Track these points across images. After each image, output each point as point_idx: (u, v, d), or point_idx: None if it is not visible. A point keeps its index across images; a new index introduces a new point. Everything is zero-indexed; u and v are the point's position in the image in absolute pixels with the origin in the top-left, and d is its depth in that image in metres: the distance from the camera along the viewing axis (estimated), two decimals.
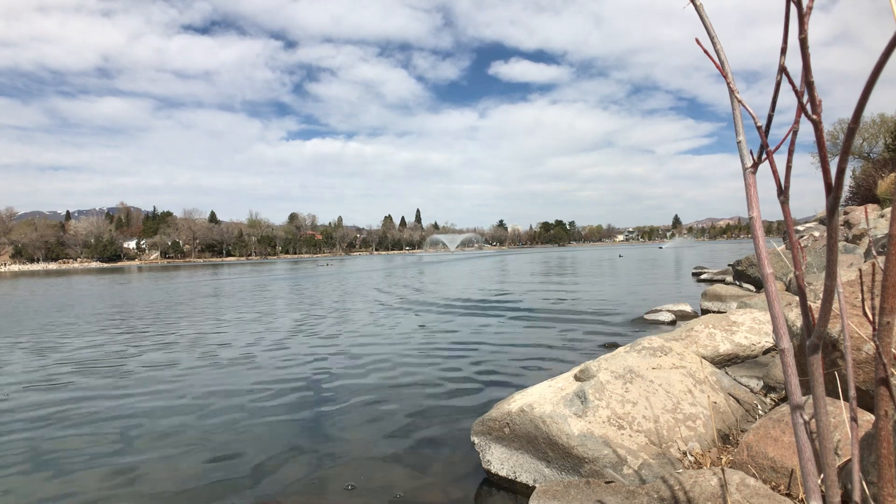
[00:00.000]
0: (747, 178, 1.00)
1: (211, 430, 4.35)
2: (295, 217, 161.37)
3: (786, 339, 0.96)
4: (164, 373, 6.56)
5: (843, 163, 0.80)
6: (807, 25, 0.78)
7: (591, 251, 79.93)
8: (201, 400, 5.26)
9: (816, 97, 0.81)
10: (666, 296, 13.05)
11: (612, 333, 8.06)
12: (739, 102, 1.01)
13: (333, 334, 9.09)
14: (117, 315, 13.59)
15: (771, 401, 3.47)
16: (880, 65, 0.71)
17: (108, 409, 5.09)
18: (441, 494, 3.07)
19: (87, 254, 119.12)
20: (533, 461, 2.96)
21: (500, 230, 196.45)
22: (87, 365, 7.22)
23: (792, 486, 2.14)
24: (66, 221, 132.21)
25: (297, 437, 4.11)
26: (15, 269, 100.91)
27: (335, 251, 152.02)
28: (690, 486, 2.02)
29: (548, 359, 6.51)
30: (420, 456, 3.64)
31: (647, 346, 3.60)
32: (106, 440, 4.21)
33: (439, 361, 6.58)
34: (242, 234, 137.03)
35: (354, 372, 6.19)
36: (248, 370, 6.51)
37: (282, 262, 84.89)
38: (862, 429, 1.95)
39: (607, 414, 2.89)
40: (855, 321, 2.27)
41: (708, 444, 2.82)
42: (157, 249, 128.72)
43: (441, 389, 5.31)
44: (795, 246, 0.99)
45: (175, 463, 3.68)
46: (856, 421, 0.99)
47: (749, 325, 4.81)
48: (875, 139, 35.37)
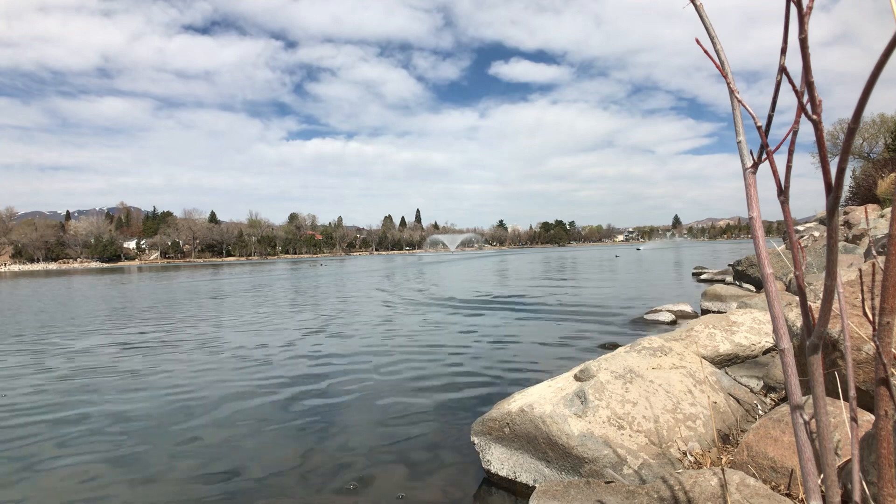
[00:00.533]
0: (747, 178, 1.00)
1: (211, 430, 4.35)
2: (295, 217, 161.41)
3: (786, 339, 0.96)
4: (165, 373, 6.56)
5: (843, 163, 0.80)
6: (807, 25, 0.78)
7: (591, 252, 79.84)
8: (201, 400, 5.26)
9: (816, 97, 0.81)
10: (666, 296, 13.05)
11: (612, 333, 8.05)
12: (739, 102, 1.01)
13: (332, 335, 9.09)
14: (117, 315, 13.60)
15: (771, 401, 3.47)
16: (880, 65, 0.71)
17: (107, 408, 5.09)
18: (441, 494, 3.07)
19: (87, 254, 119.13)
20: (533, 461, 2.96)
21: (500, 230, 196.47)
22: (87, 365, 7.22)
23: (792, 486, 2.14)
24: (66, 221, 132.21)
25: (297, 436, 4.11)
26: (15, 269, 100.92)
27: (335, 251, 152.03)
28: (690, 486, 2.02)
29: (548, 359, 6.51)
30: (420, 456, 3.63)
31: (647, 346, 3.60)
32: (106, 439, 4.21)
33: (439, 361, 6.58)
34: (242, 235, 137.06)
35: (353, 372, 6.19)
36: (247, 370, 6.51)
37: (282, 262, 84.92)
38: (862, 429, 1.95)
39: (607, 414, 2.89)
40: (855, 321, 2.27)
41: (708, 444, 2.82)
42: (157, 249, 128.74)
43: (441, 389, 5.31)
44: (795, 246, 0.99)
45: (175, 462, 3.68)
46: (856, 421, 0.99)
47: (749, 325, 4.81)
48: (875, 139, 35.39)
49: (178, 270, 56.34)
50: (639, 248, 53.14)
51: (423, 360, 6.67)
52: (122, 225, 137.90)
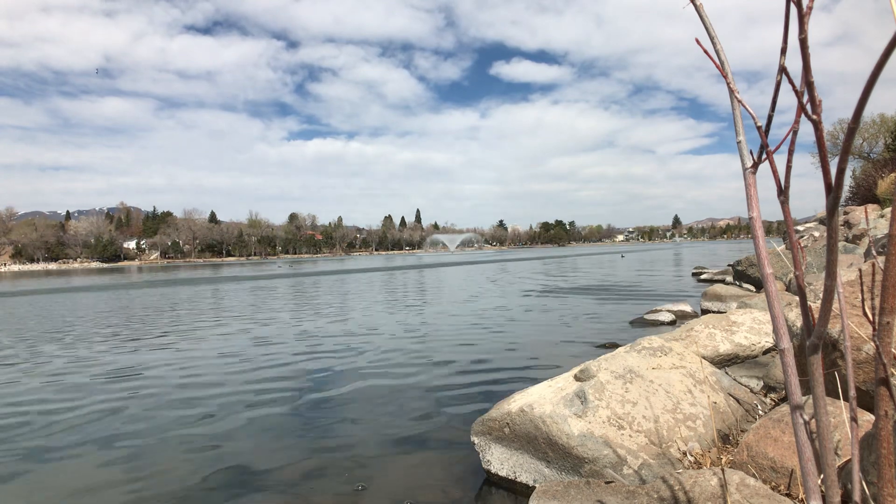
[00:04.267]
0: (747, 178, 1.00)
1: (212, 432, 4.35)
2: (295, 217, 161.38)
3: (786, 339, 0.96)
4: (165, 374, 6.56)
5: (843, 163, 0.80)
6: (807, 25, 0.78)
7: (591, 252, 79.75)
8: (202, 401, 5.26)
9: (816, 97, 0.81)
10: (665, 296, 13.04)
11: (612, 333, 8.05)
12: (739, 102, 1.01)
13: (331, 335, 9.09)
14: (119, 314, 13.60)
15: (771, 401, 3.47)
16: (880, 65, 0.71)
17: (107, 409, 5.09)
18: (441, 494, 3.07)
19: (87, 254, 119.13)
20: (533, 461, 2.96)
21: (500, 230, 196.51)
22: (87, 365, 7.22)
23: (792, 486, 2.14)
24: (66, 221, 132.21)
25: (297, 437, 4.11)
26: (15, 269, 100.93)
27: (335, 251, 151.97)
28: (690, 486, 2.02)
29: (548, 359, 6.51)
30: (420, 456, 3.63)
31: (647, 346, 3.60)
32: (106, 440, 4.21)
33: (439, 361, 6.58)
34: (242, 235, 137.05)
35: (352, 373, 6.19)
36: (246, 370, 6.51)
37: (281, 262, 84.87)
38: (862, 429, 1.95)
39: (607, 414, 2.89)
40: (855, 321, 2.27)
41: (708, 444, 2.82)
42: (156, 249, 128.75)
43: (441, 389, 5.31)
44: (795, 246, 0.99)
45: (177, 464, 3.68)
46: (856, 421, 0.99)
47: (749, 325, 4.81)
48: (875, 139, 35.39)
49: (178, 270, 56.33)
50: (623, 255, 53.08)
51: (423, 360, 6.67)
52: (122, 225, 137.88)
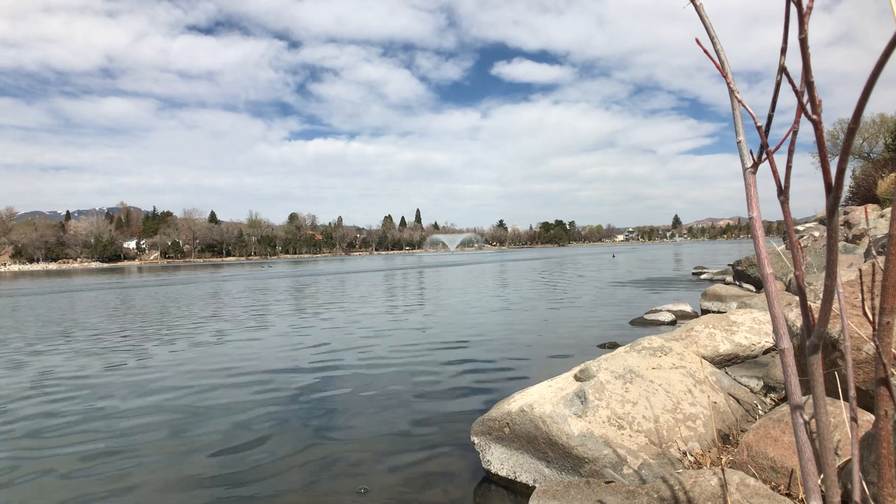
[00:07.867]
0: (747, 178, 1.00)
1: (213, 434, 4.35)
2: (295, 217, 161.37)
3: (786, 339, 0.96)
4: (165, 374, 6.56)
5: (843, 163, 0.80)
6: (807, 25, 0.78)
7: (590, 252, 79.78)
8: (201, 401, 5.26)
9: (816, 97, 0.81)
10: (665, 296, 13.04)
11: (612, 333, 8.05)
12: (739, 102, 1.01)
13: (331, 335, 9.09)
14: (120, 314, 13.59)
15: (771, 401, 3.47)
16: (880, 65, 0.71)
17: (106, 409, 5.09)
18: (441, 494, 3.07)
19: (87, 254, 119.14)
20: (533, 461, 2.96)
21: (500, 230, 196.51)
22: (85, 364, 7.22)
23: (792, 486, 2.14)
24: (66, 221, 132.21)
25: (297, 436, 4.11)
26: (15, 269, 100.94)
27: (335, 251, 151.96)
28: (690, 486, 2.02)
29: (548, 359, 6.51)
30: (420, 456, 3.63)
31: (647, 346, 3.60)
32: (106, 440, 4.21)
33: (439, 361, 6.58)
34: (242, 235, 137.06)
35: (352, 373, 6.19)
36: (245, 371, 6.51)
37: (282, 263, 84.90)
38: (862, 429, 1.95)
39: (607, 414, 2.89)
40: (855, 321, 2.27)
41: (708, 444, 2.82)
42: (156, 249, 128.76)
43: (441, 389, 5.31)
44: (795, 246, 0.99)
45: (178, 464, 3.68)
46: (856, 421, 0.99)
47: (749, 325, 4.81)
48: (875, 139, 35.41)
49: (178, 270, 56.30)
50: (614, 255, 53.77)
51: (423, 360, 6.66)
52: (122, 225, 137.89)
